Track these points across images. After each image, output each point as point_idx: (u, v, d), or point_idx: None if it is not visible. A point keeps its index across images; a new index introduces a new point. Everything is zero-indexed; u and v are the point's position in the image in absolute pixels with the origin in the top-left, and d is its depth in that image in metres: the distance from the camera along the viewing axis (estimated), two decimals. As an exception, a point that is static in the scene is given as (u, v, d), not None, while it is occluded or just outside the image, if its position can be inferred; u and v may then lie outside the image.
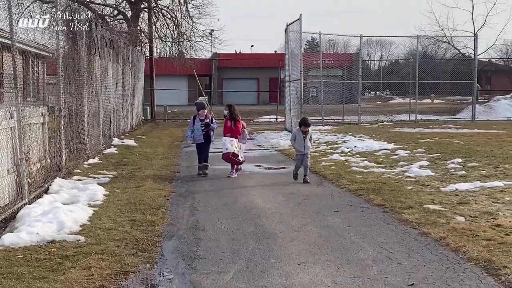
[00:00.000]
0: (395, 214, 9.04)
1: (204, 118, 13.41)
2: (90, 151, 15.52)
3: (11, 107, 9.47)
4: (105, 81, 18.61)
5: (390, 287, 5.76)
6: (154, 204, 9.96)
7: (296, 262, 6.63)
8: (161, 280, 6.08)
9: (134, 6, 39.09)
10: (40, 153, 11.48)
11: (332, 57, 51.64)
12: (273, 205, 10.03)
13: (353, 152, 17.58)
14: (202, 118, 13.39)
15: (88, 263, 6.48)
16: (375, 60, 77.40)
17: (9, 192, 9.18)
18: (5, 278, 5.97)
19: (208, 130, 13.40)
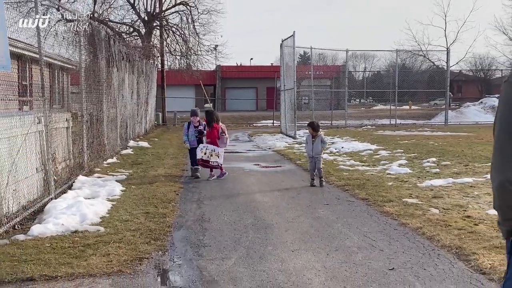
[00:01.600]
0: (378, 207, 9.04)
1: (197, 124, 12.96)
2: (109, 152, 15.52)
3: (39, 113, 9.47)
4: (122, 90, 18.60)
5: (373, 271, 5.76)
6: (165, 198, 9.96)
7: (290, 249, 6.64)
8: (172, 265, 6.08)
9: (147, 24, 39.21)
10: (64, 154, 11.47)
11: (321, 69, 51.54)
12: (270, 199, 10.03)
13: (341, 152, 17.61)
14: (195, 125, 12.95)
15: (107, 251, 6.48)
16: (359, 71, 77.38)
17: (37, 188, 9.18)
18: (34, 264, 5.97)
19: (201, 137, 12.85)
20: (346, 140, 21.32)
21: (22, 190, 8.37)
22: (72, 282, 5.50)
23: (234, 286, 5.34)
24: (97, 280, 5.55)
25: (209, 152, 12.21)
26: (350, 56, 42.26)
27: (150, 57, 33.05)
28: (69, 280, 5.53)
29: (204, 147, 12.31)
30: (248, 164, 15.51)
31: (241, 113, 48.68)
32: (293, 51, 25.77)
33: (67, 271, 5.74)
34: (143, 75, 26.15)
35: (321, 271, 5.79)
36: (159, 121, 37.76)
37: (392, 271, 5.76)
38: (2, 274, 5.64)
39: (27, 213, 8.21)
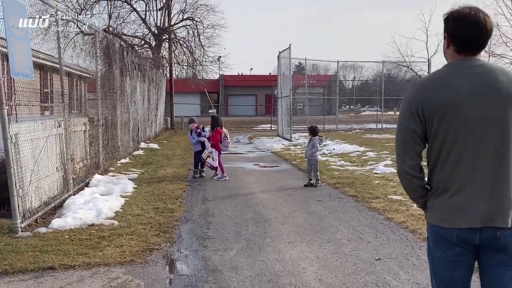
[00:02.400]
0: (365, 203, 9.05)
1: (196, 129, 12.90)
2: (122, 153, 15.52)
3: (59, 118, 9.48)
4: (134, 97, 18.61)
5: (361, 261, 5.76)
6: (173, 195, 9.96)
7: (287, 241, 6.64)
8: (179, 256, 6.08)
9: (157, 37, 39.27)
10: (82, 154, 11.48)
11: (315, 78, 51.59)
12: (268, 196, 10.03)
13: (332, 153, 17.63)
14: (195, 130, 12.90)
15: (120, 242, 6.49)
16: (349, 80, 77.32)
17: (57, 185, 9.19)
18: (55, 254, 5.98)
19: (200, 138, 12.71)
20: (337, 143, 21.33)
21: (43, 187, 8.38)
22: (89, 270, 5.51)
23: (235, 274, 5.34)
24: (111, 268, 5.56)
25: (207, 153, 12.19)
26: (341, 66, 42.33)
27: (159, 67, 33.10)
28: (86, 269, 5.54)
29: (207, 150, 12.24)
30: (248, 164, 15.52)
31: (242, 118, 48.70)
32: (289, 62, 25.78)
33: (84, 261, 5.75)
34: (153, 83, 26.14)
35: (314, 261, 5.80)
36: (168, 125, 37.77)
37: (378, 261, 5.77)
38: (26, 263, 5.65)
39: (48, 208, 8.22)
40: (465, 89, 2.60)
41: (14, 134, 7.14)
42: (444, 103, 2.60)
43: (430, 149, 2.73)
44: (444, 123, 2.62)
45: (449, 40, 2.72)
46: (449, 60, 2.77)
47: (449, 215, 2.65)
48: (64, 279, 5.23)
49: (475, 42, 2.65)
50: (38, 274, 5.39)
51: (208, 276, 5.32)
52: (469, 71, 2.63)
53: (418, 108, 2.65)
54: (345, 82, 64.24)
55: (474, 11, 2.64)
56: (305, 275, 5.32)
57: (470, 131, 2.59)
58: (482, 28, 2.63)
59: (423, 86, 2.72)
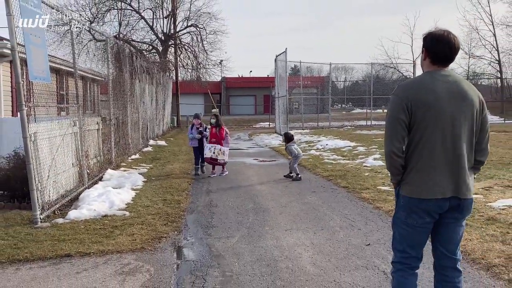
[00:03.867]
0: (356, 193, 9.06)
1: (199, 126, 12.39)
2: (133, 149, 15.52)
3: (74, 118, 9.48)
4: (143, 98, 18.59)
5: (353, 246, 5.78)
6: (179, 187, 9.97)
7: (284, 229, 6.65)
8: (185, 243, 6.09)
9: (164, 43, 39.27)
10: (96, 151, 11.48)
11: (309, 79, 51.53)
12: (267, 188, 10.04)
13: (325, 148, 17.61)
14: (198, 127, 12.35)
15: (131, 231, 6.50)
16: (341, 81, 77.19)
17: (73, 180, 9.19)
18: (71, 242, 5.99)
19: (202, 136, 12.23)
20: (330, 139, 21.30)
21: (60, 182, 8.38)
22: (103, 257, 5.52)
23: (237, 260, 5.35)
24: (123, 255, 5.57)
25: (217, 151, 11.78)
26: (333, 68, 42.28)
27: (166, 70, 33.07)
28: (100, 256, 5.55)
29: (212, 147, 11.81)
30: (248, 159, 15.52)
31: (242, 116, 48.66)
32: (285, 65, 25.78)
33: (99, 248, 5.76)
34: (161, 86, 26.12)
35: (309, 247, 5.81)
36: (174, 123, 37.77)
37: (368, 246, 5.78)
38: (45, 251, 5.66)
39: (64, 201, 8.22)
40: (443, 93, 3.14)
41: (33, 133, 7.15)
42: (427, 102, 3.12)
43: (412, 136, 3.18)
44: (425, 116, 3.12)
45: (426, 54, 3.26)
46: (425, 69, 3.30)
47: (429, 189, 3.14)
48: (80, 266, 5.24)
49: (446, 56, 3.21)
50: (56, 261, 5.40)
51: (212, 261, 5.33)
52: (444, 79, 3.18)
53: (408, 104, 3.13)
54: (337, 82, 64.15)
55: (447, 33, 3.20)
56: (301, 259, 5.33)
57: (445, 124, 3.13)
58: (452, 46, 3.18)
59: (412, 88, 3.20)
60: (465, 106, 3.14)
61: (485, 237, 5.81)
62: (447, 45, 3.17)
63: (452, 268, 3.32)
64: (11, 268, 5.21)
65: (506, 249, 5.32)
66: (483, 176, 10.03)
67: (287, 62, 25.95)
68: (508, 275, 4.61)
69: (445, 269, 3.33)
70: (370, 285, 4.55)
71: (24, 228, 6.67)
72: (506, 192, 8.46)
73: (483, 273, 4.74)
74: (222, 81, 58.10)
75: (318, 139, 21.45)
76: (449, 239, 3.28)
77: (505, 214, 6.90)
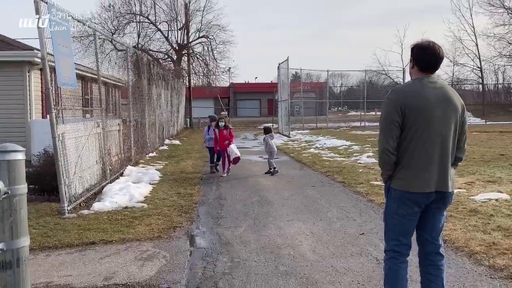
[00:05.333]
0: (351, 187, 9.05)
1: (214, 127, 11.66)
2: (150, 148, 15.56)
3: (98, 119, 9.53)
4: (159, 102, 18.63)
5: (348, 235, 5.78)
6: (192, 182, 9.99)
7: (286, 220, 6.66)
8: (198, 232, 6.11)
9: (178, 52, 39.46)
10: (117, 150, 11.52)
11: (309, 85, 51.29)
12: (271, 183, 10.04)
13: (323, 147, 17.58)
14: (213, 128, 11.61)
15: (149, 221, 6.52)
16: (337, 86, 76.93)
17: (97, 175, 9.23)
18: (95, 231, 6.03)
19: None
20: (328, 138, 21.27)
21: (85, 177, 8.43)
22: (124, 244, 5.54)
23: (244, 247, 5.36)
24: (142, 243, 5.59)
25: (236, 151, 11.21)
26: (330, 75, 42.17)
27: (180, 77, 33.11)
28: (121, 243, 5.58)
29: (235, 147, 11.21)
30: (254, 156, 15.52)
31: (248, 118, 48.60)
32: (287, 72, 25.76)
33: (120, 237, 5.79)
34: (175, 91, 26.16)
35: (309, 235, 5.82)
36: (187, 125, 37.82)
37: (362, 235, 5.78)
38: (72, 239, 5.69)
39: (89, 194, 8.27)
40: (431, 98, 3.20)
41: (61, 133, 7.19)
42: (418, 106, 3.18)
43: (404, 136, 3.23)
44: (417, 118, 3.18)
45: (414, 62, 3.31)
46: (414, 76, 3.35)
47: (419, 184, 3.21)
48: (103, 252, 5.27)
49: (432, 65, 3.26)
50: (82, 248, 5.43)
51: (222, 248, 5.35)
52: (432, 85, 3.25)
53: (402, 107, 3.18)
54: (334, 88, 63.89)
55: (432, 43, 3.27)
56: (302, 247, 5.34)
57: (434, 125, 3.19)
58: (437, 55, 3.25)
59: (405, 93, 3.25)
60: (450, 109, 3.23)
61: (467, 227, 5.79)
62: (433, 55, 3.24)
63: (435, 253, 3.38)
64: (41, 254, 5.25)
65: (486, 238, 5.31)
66: (466, 172, 9.99)
67: (289, 69, 25.91)
68: (489, 261, 4.60)
69: (430, 254, 3.39)
70: (364, 271, 4.55)
71: (53, 219, 6.71)
72: (486, 187, 8.43)
73: (466, 260, 4.73)
74: (231, 87, 58.05)
75: (317, 139, 21.42)
76: (433, 227, 3.35)
77: (486, 206, 6.88)
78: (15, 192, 1.61)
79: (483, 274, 4.35)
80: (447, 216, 6.34)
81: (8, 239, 1.61)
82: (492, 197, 7.48)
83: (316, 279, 4.35)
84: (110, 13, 37.23)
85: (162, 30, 39.52)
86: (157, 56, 37.83)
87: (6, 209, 1.60)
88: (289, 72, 26.26)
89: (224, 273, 4.53)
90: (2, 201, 1.58)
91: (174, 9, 39.46)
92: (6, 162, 1.61)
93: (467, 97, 56.37)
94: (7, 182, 1.59)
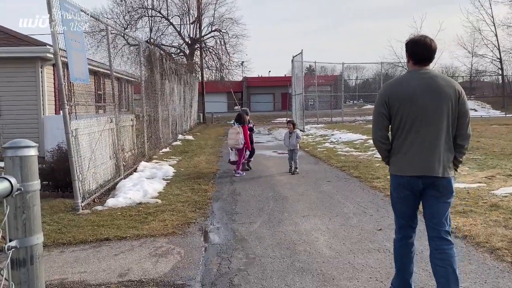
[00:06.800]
0: (368, 182, 8.98)
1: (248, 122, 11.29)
2: (163, 143, 15.62)
3: (111, 115, 9.57)
4: (172, 97, 18.68)
5: (365, 231, 5.73)
6: (206, 177, 10.00)
7: (301, 215, 6.63)
8: (212, 228, 6.11)
9: (190, 47, 39.48)
10: (130, 145, 11.58)
11: (323, 78, 51.12)
12: (285, 178, 10.01)
13: (339, 141, 17.49)
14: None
15: (163, 217, 6.54)
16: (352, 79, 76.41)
17: (111, 171, 9.29)
18: (109, 227, 6.06)
19: (251, 133, 11.27)
20: (343, 132, 21.15)
21: (99, 173, 8.48)
22: (138, 240, 5.56)
23: (259, 243, 5.35)
24: (156, 239, 5.61)
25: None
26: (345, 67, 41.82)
27: (192, 72, 33.16)
28: (135, 240, 5.60)
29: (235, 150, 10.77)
30: (267, 151, 15.50)
31: (262, 113, 48.52)
32: (301, 65, 25.62)
33: (134, 233, 5.81)
34: (188, 85, 26.20)
35: (325, 231, 5.78)
36: (200, 120, 37.90)
37: (379, 231, 5.73)
38: (86, 235, 5.73)
39: (103, 190, 8.32)
40: (416, 87, 3.40)
41: (74, 129, 7.23)
42: (402, 96, 3.42)
43: (392, 125, 3.50)
44: (400, 109, 3.42)
45: (408, 56, 3.52)
46: (409, 69, 3.56)
47: (406, 168, 3.43)
48: (118, 248, 5.29)
49: (425, 57, 3.46)
50: (96, 244, 5.46)
51: (237, 244, 5.34)
52: (421, 76, 3.43)
53: (386, 99, 3.46)
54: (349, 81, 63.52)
55: (423, 37, 3.49)
56: (318, 243, 5.31)
57: (418, 114, 3.38)
58: (429, 48, 3.44)
59: (391, 86, 3.53)
60: (441, 98, 3.36)
61: (488, 222, 5.70)
62: (424, 47, 3.44)
63: (438, 238, 3.47)
64: (56, 250, 5.29)
65: (508, 234, 5.22)
66: (486, 166, 9.85)
67: (303, 63, 25.77)
68: (511, 257, 4.52)
69: (433, 238, 3.51)
70: (382, 267, 4.51)
71: (67, 215, 6.77)
72: (508, 181, 8.30)
73: (487, 256, 4.66)
74: (244, 81, 58.09)
75: (332, 133, 21.32)
76: (431, 213, 3.49)
77: (507, 201, 6.77)
78: (28, 189, 1.60)
79: (505, 270, 4.27)
80: (467, 211, 6.27)
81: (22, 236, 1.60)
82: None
83: (333, 275, 4.32)
84: (122, 8, 37.44)
85: (174, 25, 39.60)
86: (170, 51, 37.90)
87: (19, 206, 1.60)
88: (303, 65, 26.12)
89: (239, 270, 4.52)
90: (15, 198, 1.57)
91: (186, 3, 39.51)
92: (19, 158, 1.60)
93: (486, 89, 55.63)
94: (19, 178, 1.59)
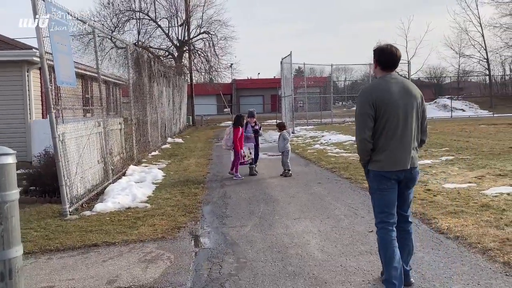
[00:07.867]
0: (358, 184, 8.96)
1: (254, 124, 11.01)
2: (152, 147, 15.51)
3: (99, 119, 9.46)
4: (161, 100, 18.57)
5: (357, 233, 5.69)
6: (196, 181, 9.93)
7: (292, 218, 6.58)
8: (202, 232, 6.04)
9: (179, 49, 39.37)
10: (119, 149, 11.46)
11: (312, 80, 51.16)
12: (276, 180, 9.97)
13: (329, 143, 17.49)
14: (252, 125, 11.05)
15: (153, 222, 6.46)
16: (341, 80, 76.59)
17: (99, 175, 9.18)
18: (98, 233, 5.97)
19: (256, 135, 11.01)
20: (333, 134, 21.17)
21: (87, 177, 8.37)
22: (127, 246, 5.48)
23: (250, 247, 5.29)
24: (146, 244, 5.53)
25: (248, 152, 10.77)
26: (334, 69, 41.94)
27: (181, 74, 33.05)
28: (124, 245, 5.52)
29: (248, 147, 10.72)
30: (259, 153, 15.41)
31: (252, 115, 48.51)
32: (290, 67, 25.62)
33: (123, 238, 5.73)
34: (177, 88, 26.08)
35: (316, 234, 5.74)
36: (190, 122, 37.77)
37: (371, 233, 5.69)
38: (74, 241, 5.64)
39: (91, 195, 8.21)
40: (395, 92, 3.81)
41: (61, 133, 7.13)
42: (386, 99, 3.78)
43: (377, 126, 3.81)
44: (386, 110, 3.77)
45: (376, 63, 3.93)
46: (378, 75, 3.96)
47: (390, 163, 3.83)
48: (106, 254, 5.21)
49: (391, 63, 3.89)
50: (84, 251, 5.37)
51: (228, 248, 5.28)
52: (395, 81, 3.86)
53: (373, 102, 3.78)
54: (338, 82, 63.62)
55: (390, 46, 3.92)
56: (309, 246, 5.26)
57: (399, 115, 3.78)
58: (394, 55, 3.87)
59: (374, 90, 3.84)
60: (412, 100, 3.84)
61: (480, 223, 5.70)
62: (391, 55, 3.86)
63: (405, 221, 4.08)
64: (43, 257, 5.19)
65: (500, 234, 5.21)
66: (475, 166, 9.88)
67: (292, 64, 25.77)
68: (503, 257, 4.51)
69: (401, 222, 4.04)
70: (374, 269, 4.47)
71: (54, 221, 6.66)
72: (497, 181, 8.32)
73: (479, 256, 4.64)
74: (233, 83, 58.02)
75: (321, 134, 21.32)
76: (403, 201, 4.01)
77: (498, 201, 6.78)
78: (6, 199, 1.52)
79: (498, 271, 4.26)
80: (458, 212, 6.27)
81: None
82: (503, 191, 7.38)
83: (325, 279, 4.28)
84: (109, 10, 37.18)
85: (162, 27, 39.48)
86: (158, 53, 37.77)
87: (-4, 216, 1.52)
88: (292, 67, 26.11)
89: (231, 274, 4.46)
90: (-7, 208, 1.50)
91: (174, 5, 39.43)
92: (-4, 166, 1.52)
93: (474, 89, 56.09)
94: (-3, 187, 1.51)
